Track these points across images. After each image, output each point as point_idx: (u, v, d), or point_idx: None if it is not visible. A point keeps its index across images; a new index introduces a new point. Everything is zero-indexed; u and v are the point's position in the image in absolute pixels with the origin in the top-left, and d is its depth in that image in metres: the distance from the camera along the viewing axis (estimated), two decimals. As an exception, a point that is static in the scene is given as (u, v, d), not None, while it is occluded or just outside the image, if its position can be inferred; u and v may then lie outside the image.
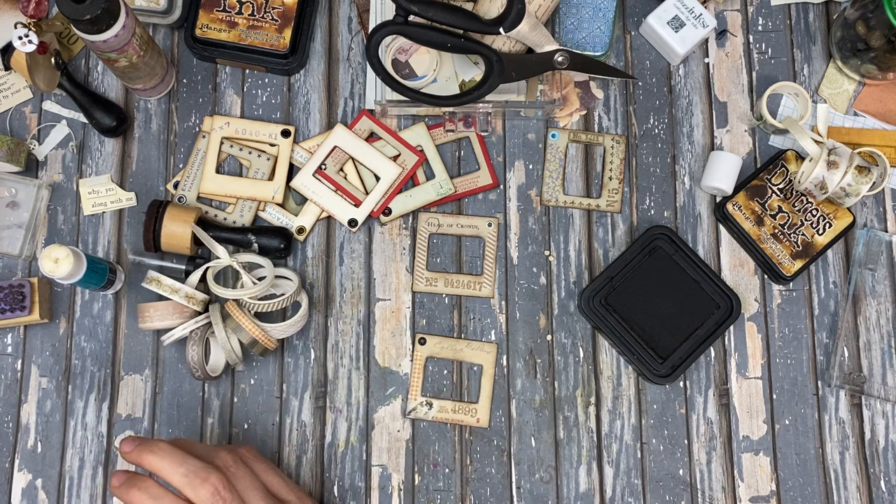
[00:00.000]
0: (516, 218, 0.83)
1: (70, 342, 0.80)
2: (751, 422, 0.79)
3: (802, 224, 0.81)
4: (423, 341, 0.80)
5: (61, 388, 0.80)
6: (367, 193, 0.82)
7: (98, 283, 0.76)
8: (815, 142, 0.78)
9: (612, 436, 0.79)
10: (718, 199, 0.83)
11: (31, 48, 0.75)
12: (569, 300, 0.81)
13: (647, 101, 0.85)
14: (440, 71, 0.83)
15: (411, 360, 0.80)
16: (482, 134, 0.84)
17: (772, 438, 0.79)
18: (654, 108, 0.85)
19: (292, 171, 0.83)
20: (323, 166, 0.82)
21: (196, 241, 0.78)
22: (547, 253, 0.82)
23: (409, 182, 0.83)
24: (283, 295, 0.78)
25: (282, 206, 0.82)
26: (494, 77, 0.77)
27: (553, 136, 0.84)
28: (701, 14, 0.82)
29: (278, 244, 0.79)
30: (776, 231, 0.81)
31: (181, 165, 0.84)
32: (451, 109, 0.81)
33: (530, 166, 0.84)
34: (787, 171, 0.82)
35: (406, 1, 0.74)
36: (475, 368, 0.80)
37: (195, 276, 0.78)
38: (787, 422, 0.79)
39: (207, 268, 0.78)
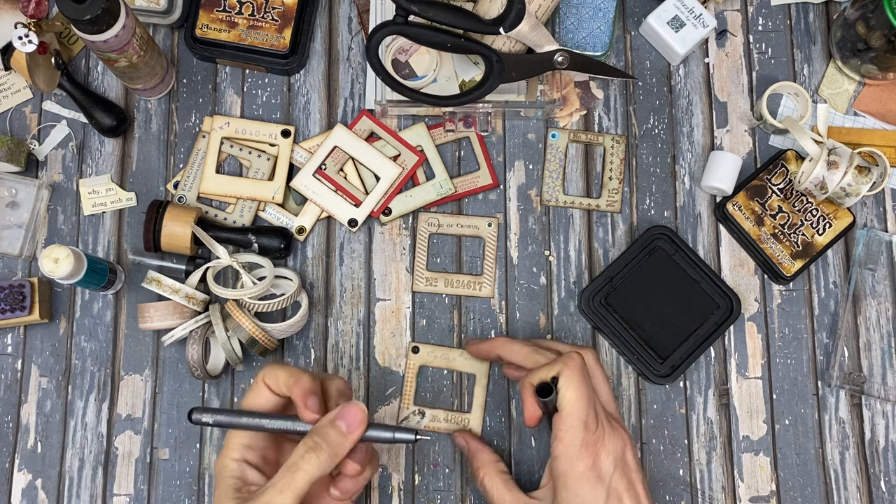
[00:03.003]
0: (516, 218, 0.83)
1: (70, 342, 0.80)
2: (751, 422, 0.79)
3: (802, 224, 0.81)
4: (416, 350, 0.80)
5: (61, 388, 0.80)
6: (367, 193, 0.82)
7: (98, 283, 0.76)
8: (815, 142, 0.78)
9: (612, 436, 0.79)
10: (718, 199, 0.83)
11: (31, 48, 0.75)
12: (569, 300, 0.81)
13: (647, 101, 0.85)
14: (440, 71, 0.83)
15: (404, 369, 0.80)
16: (482, 134, 0.84)
17: (772, 438, 0.79)
18: (654, 108, 0.85)
19: (292, 171, 0.83)
20: (323, 166, 0.82)
21: (196, 241, 0.78)
22: (547, 253, 0.82)
23: (409, 182, 0.83)
24: (283, 295, 0.78)
25: (282, 206, 0.82)
26: (494, 77, 0.77)
27: (553, 136, 0.84)
28: (701, 14, 0.82)
29: (278, 244, 0.79)
30: (776, 231, 0.81)
31: (181, 165, 0.84)
32: (451, 109, 0.81)
33: (530, 166, 0.84)
34: (787, 171, 0.82)
35: (406, 1, 0.74)
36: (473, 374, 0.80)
37: (195, 276, 0.78)
38: (787, 422, 0.79)
39: (207, 268, 0.78)
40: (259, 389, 0.65)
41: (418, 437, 0.65)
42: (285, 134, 0.83)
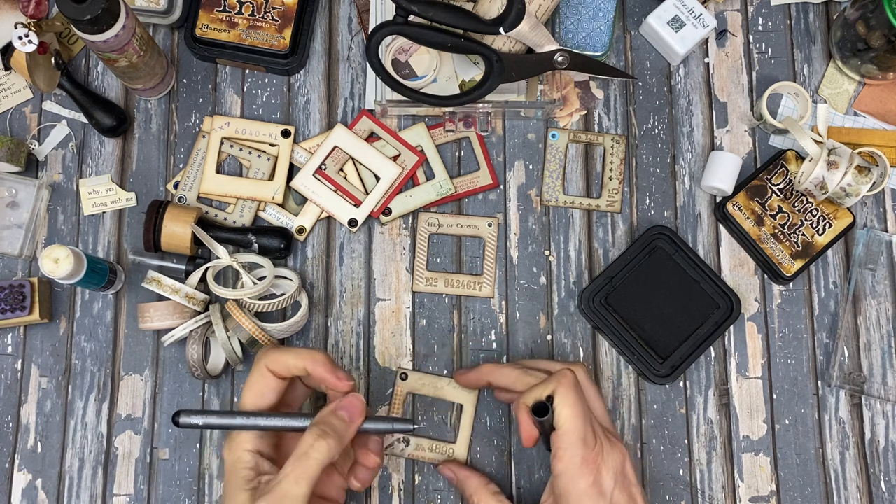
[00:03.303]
0: (516, 218, 0.83)
1: (70, 342, 0.80)
2: (751, 422, 0.79)
3: (802, 224, 0.81)
4: (404, 377, 0.79)
5: (61, 388, 0.80)
6: (367, 193, 0.82)
7: (98, 283, 0.76)
8: (815, 142, 0.78)
9: (612, 436, 0.79)
10: (718, 199, 0.83)
11: (32, 48, 0.75)
12: (569, 300, 0.81)
13: (647, 101, 0.85)
14: (440, 71, 0.83)
15: (391, 395, 0.79)
16: (482, 134, 0.84)
17: (772, 438, 0.79)
18: (654, 108, 0.85)
19: (292, 171, 0.83)
20: (323, 166, 0.82)
21: (196, 241, 0.78)
22: (547, 253, 0.82)
23: (409, 182, 0.83)
24: (283, 295, 0.78)
25: (282, 206, 0.82)
26: (494, 77, 0.77)
27: (553, 136, 0.84)
28: (701, 14, 0.82)
29: (278, 244, 0.79)
30: (776, 231, 0.81)
31: (181, 165, 0.84)
32: (451, 109, 0.81)
33: (530, 166, 0.84)
34: (787, 171, 0.82)
35: (406, 1, 0.74)
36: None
37: (195, 277, 0.78)
38: (787, 422, 0.79)
39: (207, 268, 0.78)
40: (263, 376, 0.65)
41: (416, 426, 0.67)
42: (285, 134, 0.83)
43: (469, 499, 0.72)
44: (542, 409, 0.65)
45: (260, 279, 0.78)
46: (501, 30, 0.75)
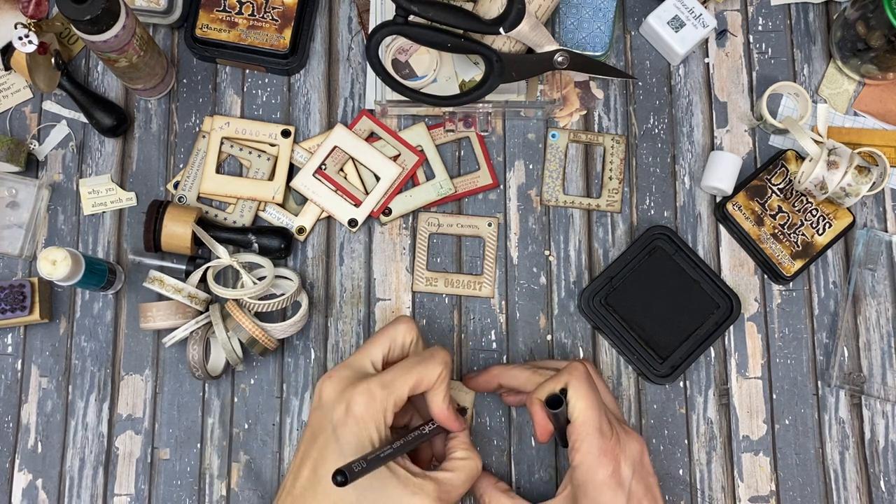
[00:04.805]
0: (516, 218, 0.83)
1: (70, 342, 0.80)
2: (751, 422, 0.79)
3: (802, 224, 0.81)
4: None
5: (61, 388, 0.80)
6: (367, 193, 0.82)
7: (97, 283, 0.76)
8: (815, 142, 0.79)
9: (612, 436, 0.79)
10: (718, 199, 0.83)
11: (32, 48, 0.75)
12: (569, 300, 0.81)
13: (647, 101, 0.85)
14: (440, 71, 0.83)
15: None
16: (482, 134, 0.84)
17: (772, 438, 0.79)
18: (654, 108, 0.85)
19: (292, 171, 0.83)
20: (323, 166, 0.82)
21: (196, 241, 0.78)
22: (547, 253, 0.82)
23: (409, 182, 0.83)
24: (283, 295, 0.78)
25: (282, 206, 0.82)
26: (494, 77, 0.77)
27: (553, 136, 0.84)
28: (701, 14, 0.82)
29: (278, 244, 0.79)
30: (776, 231, 0.81)
31: (181, 165, 0.84)
32: (451, 109, 0.81)
33: (530, 166, 0.84)
34: (787, 171, 0.82)
35: (406, 1, 0.74)
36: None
37: (195, 277, 0.78)
38: (787, 422, 0.79)
39: (208, 268, 0.78)
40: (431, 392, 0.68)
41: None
42: (285, 134, 0.83)
43: (480, 498, 0.72)
44: (556, 402, 0.65)
45: (260, 279, 0.78)
46: (501, 30, 0.75)
